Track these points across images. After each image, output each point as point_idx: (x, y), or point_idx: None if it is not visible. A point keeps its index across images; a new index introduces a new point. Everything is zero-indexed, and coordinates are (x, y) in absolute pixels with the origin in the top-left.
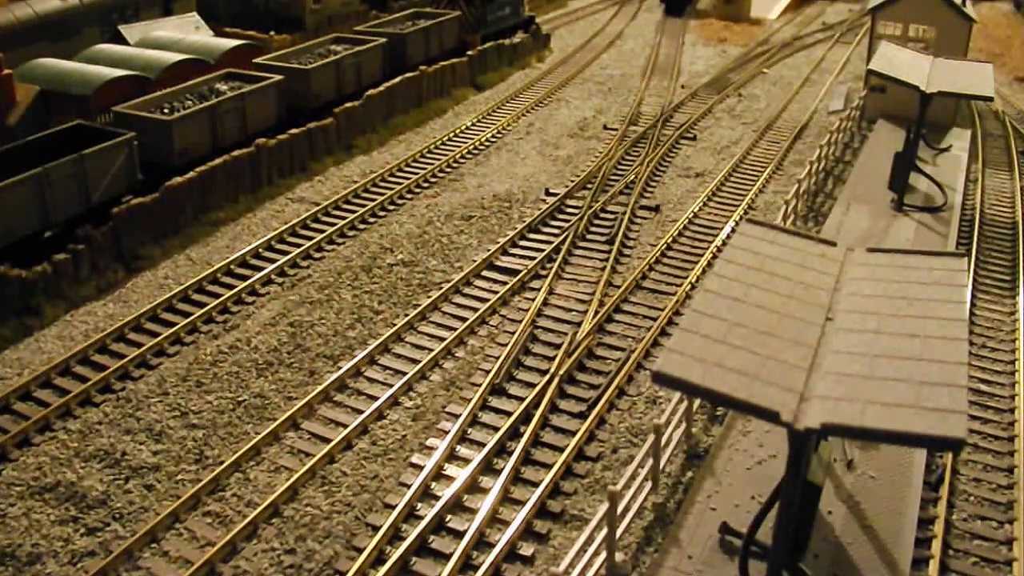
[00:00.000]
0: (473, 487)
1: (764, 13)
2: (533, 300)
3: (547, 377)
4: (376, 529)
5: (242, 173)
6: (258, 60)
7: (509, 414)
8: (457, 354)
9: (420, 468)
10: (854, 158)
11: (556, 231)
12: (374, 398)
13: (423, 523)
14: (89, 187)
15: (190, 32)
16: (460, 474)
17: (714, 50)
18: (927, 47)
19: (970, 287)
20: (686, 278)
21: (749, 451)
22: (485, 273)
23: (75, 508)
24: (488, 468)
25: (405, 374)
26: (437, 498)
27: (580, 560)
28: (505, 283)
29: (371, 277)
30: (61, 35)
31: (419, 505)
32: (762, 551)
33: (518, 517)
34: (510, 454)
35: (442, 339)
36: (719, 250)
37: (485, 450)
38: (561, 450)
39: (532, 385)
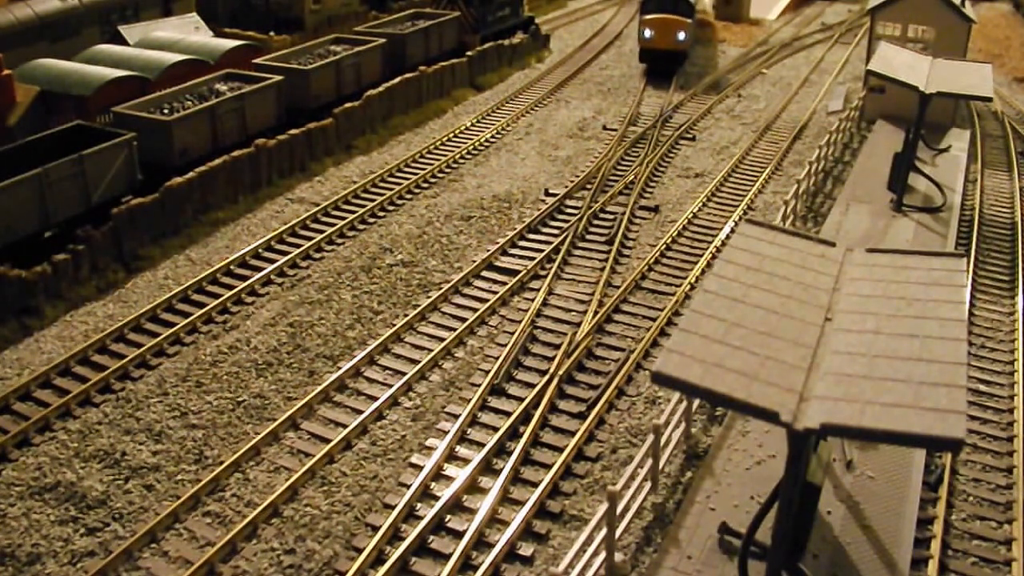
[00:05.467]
0: (472, 487)
1: (763, 14)
2: (532, 300)
3: (546, 377)
4: (376, 529)
5: (242, 173)
6: (258, 60)
7: (508, 414)
8: (456, 354)
9: (419, 468)
10: (853, 159)
11: (555, 231)
12: (374, 398)
13: (423, 523)
14: (89, 187)
15: (190, 33)
16: (460, 474)
17: (713, 50)
18: (926, 48)
19: (969, 287)
20: (685, 278)
21: (748, 451)
22: (484, 273)
23: (75, 508)
24: (487, 468)
25: (404, 374)
26: (437, 498)
27: (580, 560)
28: (504, 283)
29: (371, 277)
30: (61, 35)
31: (419, 505)
32: (761, 551)
33: (517, 517)
34: (509, 454)
35: (441, 339)
36: (718, 250)
37: (484, 450)
38: (560, 450)
39: (531, 385)
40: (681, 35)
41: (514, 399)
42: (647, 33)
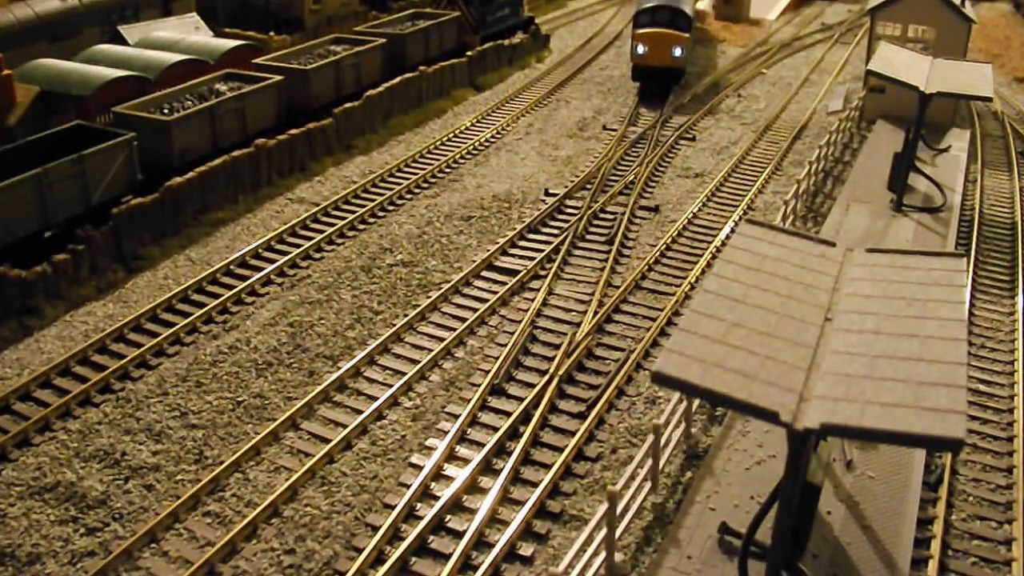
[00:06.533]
0: (472, 487)
1: (763, 13)
2: (532, 300)
3: (546, 377)
4: (376, 529)
5: (242, 173)
6: (258, 60)
7: (508, 414)
8: (456, 354)
9: (419, 468)
10: (853, 158)
11: (555, 231)
12: (373, 398)
13: (422, 523)
14: (89, 187)
15: (190, 32)
16: (459, 474)
17: (713, 50)
18: (926, 48)
19: (969, 287)
20: (685, 278)
21: (748, 451)
22: (484, 273)
23: (75, 508)
24: (487, 468)
25: (404, 374)
26: (436, 498)
27: (580, 560)
28: (504, 283)
29: (371, 277)
30: (61, 35)
31: (418, 505)
32: (761, 551)
33: (517, 517)
34: (509, 454)
35: (441, 339)
36: (718, 250)
37: (484, 450)
38: (560, 450)
39: (531, 385)
40: (677, 51)
41: (514, 399)
42: (640, 48)
